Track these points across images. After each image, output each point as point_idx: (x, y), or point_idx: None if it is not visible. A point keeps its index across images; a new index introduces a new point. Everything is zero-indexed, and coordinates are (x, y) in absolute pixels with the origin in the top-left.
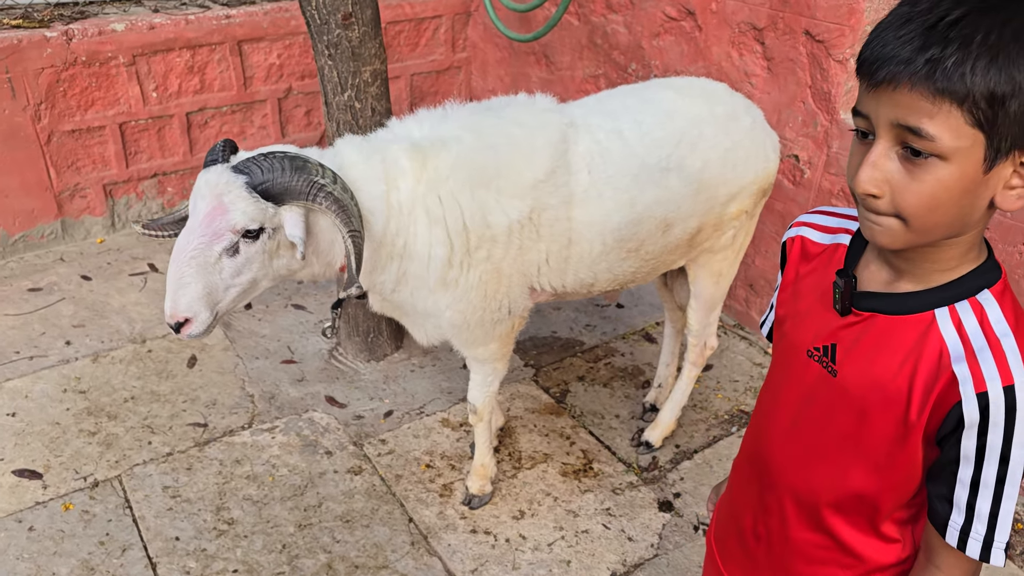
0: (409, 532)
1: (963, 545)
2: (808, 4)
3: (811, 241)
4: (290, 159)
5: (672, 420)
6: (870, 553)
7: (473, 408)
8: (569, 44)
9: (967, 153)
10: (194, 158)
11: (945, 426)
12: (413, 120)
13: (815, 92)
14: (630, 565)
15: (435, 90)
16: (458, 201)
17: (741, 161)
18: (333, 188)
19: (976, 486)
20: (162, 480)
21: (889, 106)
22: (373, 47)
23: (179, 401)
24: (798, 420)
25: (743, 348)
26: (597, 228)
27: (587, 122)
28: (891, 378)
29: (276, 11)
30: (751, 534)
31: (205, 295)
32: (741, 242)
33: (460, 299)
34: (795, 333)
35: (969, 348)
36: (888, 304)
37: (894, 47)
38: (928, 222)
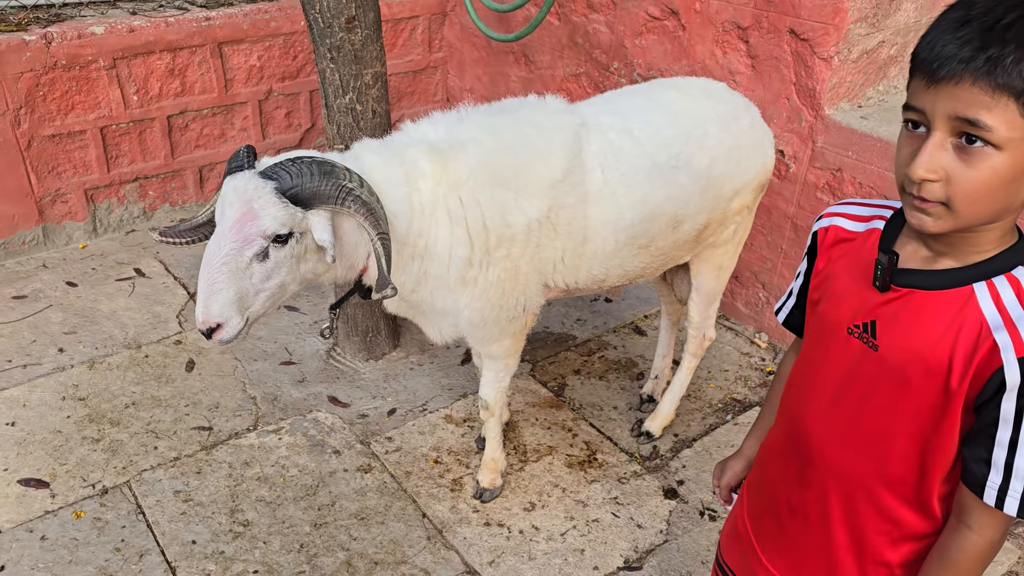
0: (424, 527)
1: (1001, 503)
2: (793, 3)
3: (844, 229)
4: (318, 164)
5: (672, 410)
6: (910, 521)
7: (484, 403)
8: (549, 43)
9: (1019, 143)
10: (175, 161)
11: (985, 392)
12: (428, 123)
13: (800, 89)
14: (641, 551)
15: (412, 90)
16: (478, 201)
17: (744, 158)
18: (361, 192)
19: (1015, 446)
20: (172, 485)
21: (948, 100)
22: (375, 50)
23: (181, 405)
24: (840, 396)
25: (730, 339)
26: (611, 225)
27: (598, 122)
28: (932, 349)
29: (256, 12)
30: (786, 508)
31: (236, 300)
32: (741, 236)
33: (479, 297)
34: (832, 313)
35: (1008, 317)
36: (927, 280)
37: (954, 47)
38: (977, 208)
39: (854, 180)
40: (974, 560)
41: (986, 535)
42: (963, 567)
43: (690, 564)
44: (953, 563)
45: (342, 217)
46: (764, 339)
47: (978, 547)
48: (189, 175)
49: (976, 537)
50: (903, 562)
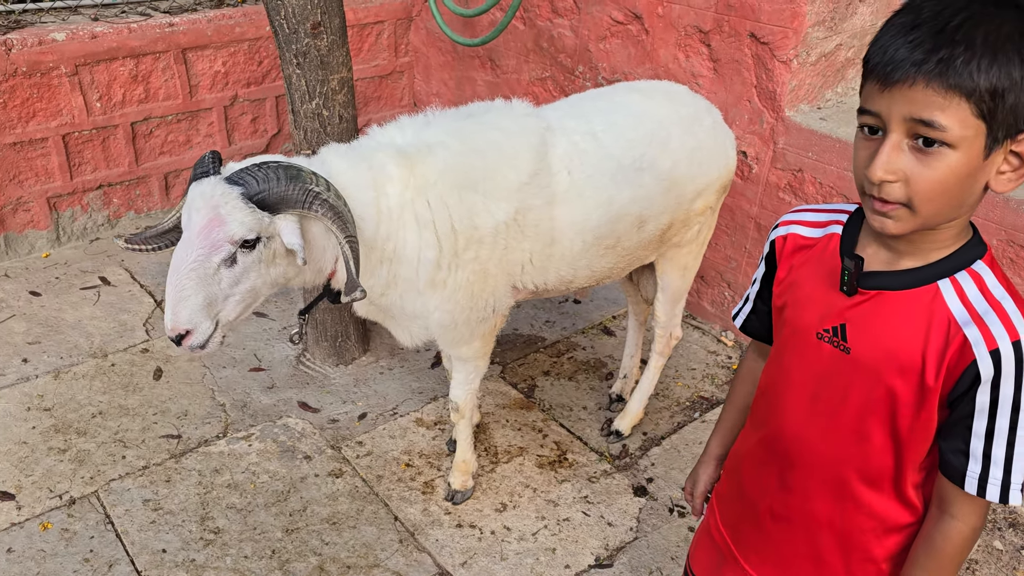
0: (396, 530)
1: (982, 491)
2: (753, 8)
3: (803, 236)
4: (284, 168)
5: (640, 409)
6: (892, 514)
7: (455, 405)
8: (514, 48)
9: (972, 142)
10: (139, 168)
11: (959, 386)
12: (395, 127)
13: (761, 91)
14: (612, 549)
15: (379, 95)
16: (446, 204)
17: (706, 159)
18: (328, 195)
19: (991, 436)
20: (141, 494)
21: (903, 102)
22: (341, 55)
23: (149, 414)
24: (817, 399)
25: (697, 337)
26: (578, 227)
27: (563, 125)
28: (904, 348)
29: (220, 18)
30: (768, 515)
31: (205, 306)
32: (704, 236)
33: (448, 299)
34: (799, 319)
35: (974, 312)
36: (893, 281)
37: (906, 51)
38: (936, 206)
39: (815, 180)
40: (959, 547)
41: (969, 522)
42: (948, 554)
43: (660, 560)
44: (939, 551)
45: (310, 221)
46: (730, 337)
47: (963, 534)
48: (154, 182)
49: (960, 525)
50: (889, 556)
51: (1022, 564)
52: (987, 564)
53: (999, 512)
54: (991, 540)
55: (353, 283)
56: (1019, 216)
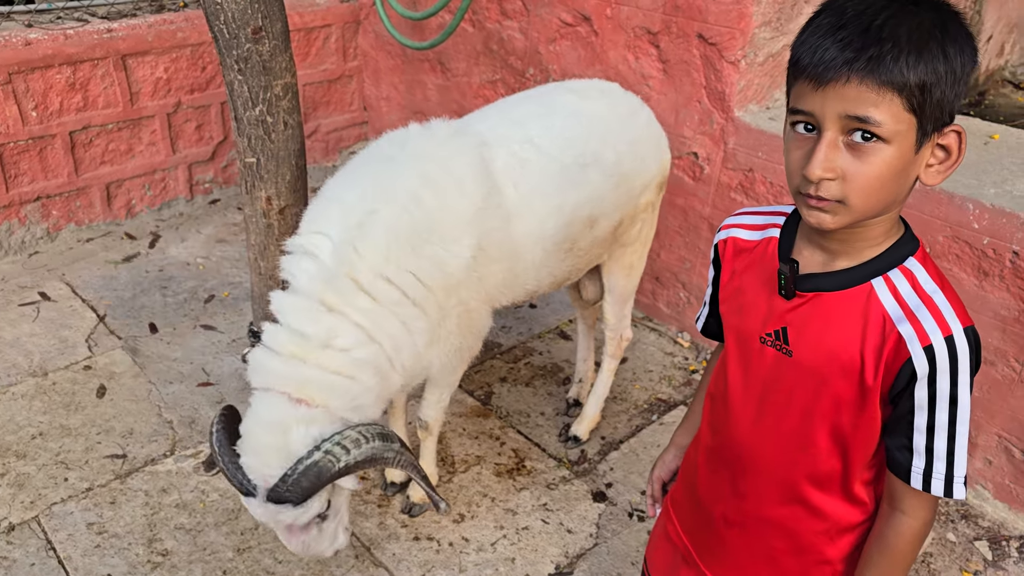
0: (352, 545)
1: (927, 486)
2: (700, 9)
3: (742, 240)
4: (304, 474)
5: (597, 412)
6: (842, 515)
7: (425, 424)
8: (464, 50)
9: (904, 136)
10: (80, 179)
11: (898, 383)
12: (312, 228)
13: (710, 92)
14: (572, 556)
15: (328, 100)
16: (408, 271)
17: (646, 153)
18: (349, 458)
19: (932, 430)
20: (85, 517)
21: (837, 100)
22: (283, 60)
23: (92, 433)
24: (763, 403)
25: (653, 339)
26: (535, 237)
27: (497, 136)
28: (843, 348)
29: (161, 23)
30: (722, 521)
31: (335, 538)
32: (647, 234)
33: (445, 349)
34: (743, 324)
35: (907, 308)
36: (830, 282)
37: (836, 50)
38: (871, 201)
39: (765, 180)
40: (911, 542)
41: (919, 516)
42: (901, 550)
43: (620, 566)
44: (891, 547)
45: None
46: (687, 339)
47: (913, 529)
48: (96, 192)
49: (910, 520)
50: (843, 556)
51: (975, 556)
52: (941, 557)
53: (951, 505)
54: (944, 532)
55: (435, 499)
56: (963, 213)
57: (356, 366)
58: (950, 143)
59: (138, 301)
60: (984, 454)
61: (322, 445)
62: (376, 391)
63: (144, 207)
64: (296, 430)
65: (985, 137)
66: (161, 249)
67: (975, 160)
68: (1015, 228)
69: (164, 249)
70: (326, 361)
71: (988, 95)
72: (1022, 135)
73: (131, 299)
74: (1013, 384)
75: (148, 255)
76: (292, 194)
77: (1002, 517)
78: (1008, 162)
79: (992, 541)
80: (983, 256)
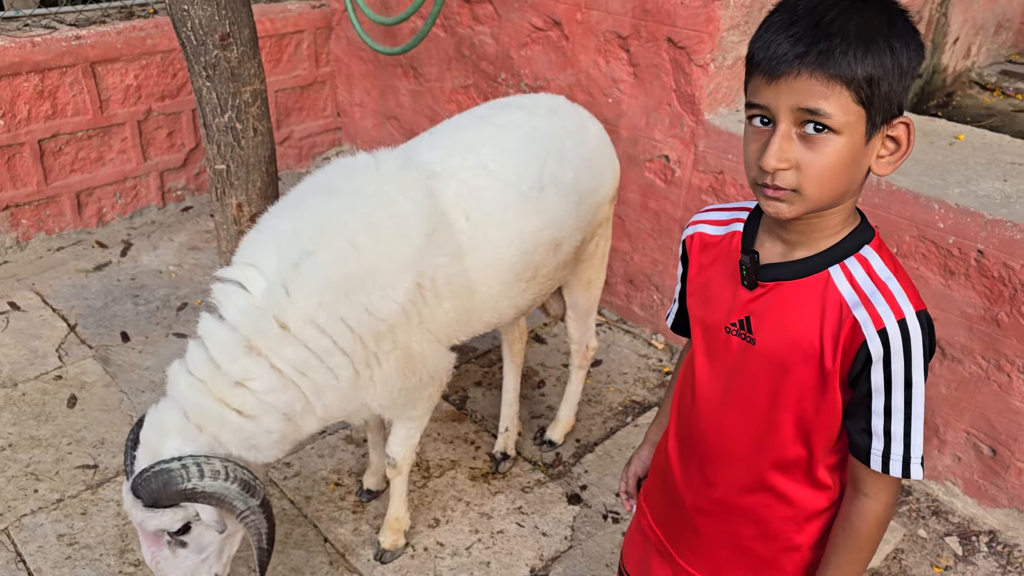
0: (326, 552)
1: (887, 467)
2: (669, 13)
3: (708, 235)
4: (155, 475)
5: (571, 416)
6: (808, 501)
7: (393, 462)
8: (436, 55)
9: (854, 127)
10: (49, 187)
11: (855, 366)
12: (246, 259)
13: (680, 95)
14: (547, 559)
15: (300, 106)
16: (339, 318)
17: (601, 168)
18: (203, 484)
19: (889, 412)
20: (55, 528)
21: (789, 94)
22: (252, 67)
23: (63, 444)
24: (728, 392)
25: (628, 342)
26: (492, 270)
27: (447, 165)
28: (803, 334)
29: (130, 30)
30: (694, 511)
31: None
32: (603, 248)
33: (381, 392)
34: (710, 316)
35: (863, 294)
36: (788, 271)
37: (788, 45)
38: (825, 190)
39: (735, 182)
40: (875, 524)
41: (881, 499)
42: (865, 532)
43: (595, 568)
44: (855, 530)
45: None
46: (661, 340)
47: (876, 512)
48: (65, 201)
49: (873, 503)
50: (811, 543)
51: (945, 551)
52: (912, 552)
53: (923, 501)
54: (915, 529)
55: (263, 566)
56: (929, 212)
57: (262, 409)
58: (899, 135)
59: (110, 310)
60: (953, 451)
61: (184, 459)
62: (279, 434)
63: (115, 215)
64: (173, 440)
65: (951, 138)
66: (133, 257)
67: (941, 160)
68: (979, 227)
69: (136, 257)
70: (231, 398)
71: (956, 96)
72: (987, 135)
73: (102, 308)
74: (980, 381)
75: (120, 263)
76: (263, 201)
77: (972, 513)
78: (973, 162)
79: (962, 536)
80: (948, 255)
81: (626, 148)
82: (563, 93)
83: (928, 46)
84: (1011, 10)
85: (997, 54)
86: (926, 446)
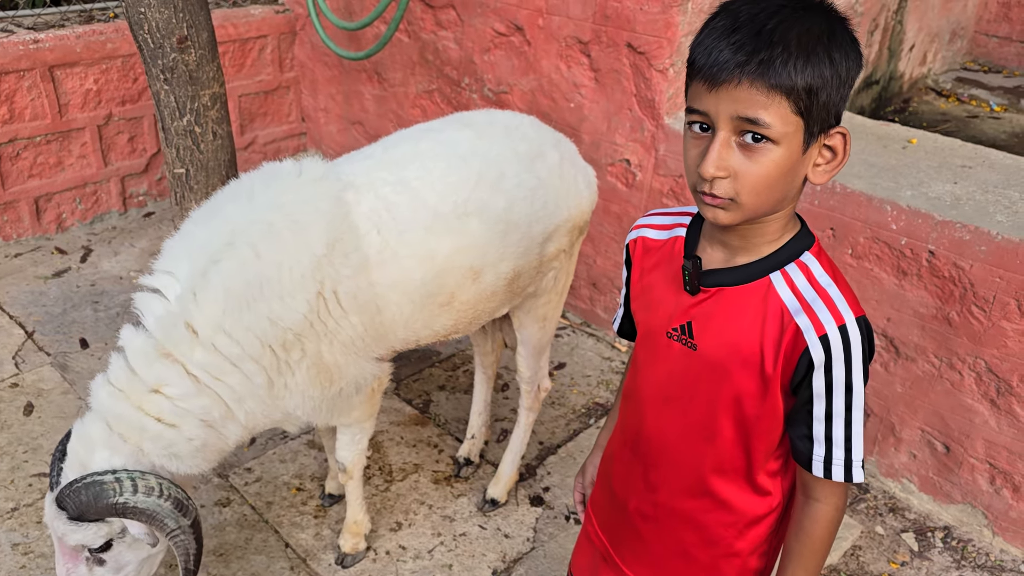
0: (287, 557)
1: (828, 472)
2: (628, 19)
3: (651, 239)
4: (86, 487)
5: (514, 471)
6: (748, 507)
7: (343, 467)
8: (400, 61)
9: (792, 137)
10: (7, 192)
11: (797, 373)
12: (164, 266)
13: (640, 100)
14: (509, 561)
15: (265, 111)
16: (246, 327)
17: (551, 199)
18: (132, 498)
19: (829, 418)
20: (10, 537)
21: (729, 102)
22: (211, 70)
23: (19, 452)
24: (669, 396)
25: (591, 344)
26: (400, 288)
27: (370, 179)
28: (744, 340)
29: (89, 34)
30: (637, 515)
31: None
32: (563, 283)
33: (301, 402)
34: (652, 320)
35: (803, 301)
36: (730, 277)
37: (729, 53)
38: (761, 199)
39: None
40: (826, 527)
41: (831, 502)
42: (818, 536)
43: (557, 569)
44: (808, 534)
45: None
46: (624, 343)
47: (827, 515)
48: (24, 207)
49: (823, 506)
50: (752, 549)
51: (902, 547)
52: (869, 549)
53: (879, 498)
54: (873, 526)
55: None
56: (882, 214)
57: (179, 415)
58: (836, 144)
59: (68, 316)
60: (909, 448)
61: (119, 472)
62: (200, 442)
63: (75, 221)
64: (101, 452)
65: (904, 141)
66: (93, 263)
67: (894, 163)
68: (930, 228)
69: (96, 263)
70: (148, 405)
71: (912, 102)
72: (939, 139)
73: (61, 314)
74: (933, 380)
75: (79, 270)
76: None
77: (927, 509)
78: (924, 165)
79: (918, 532)
80: (901, 256)
81: (588, 152)
82: (525, 98)
83: (885, 53)
84: (965, 18)
85: (952, 61)
86: (883, 444)
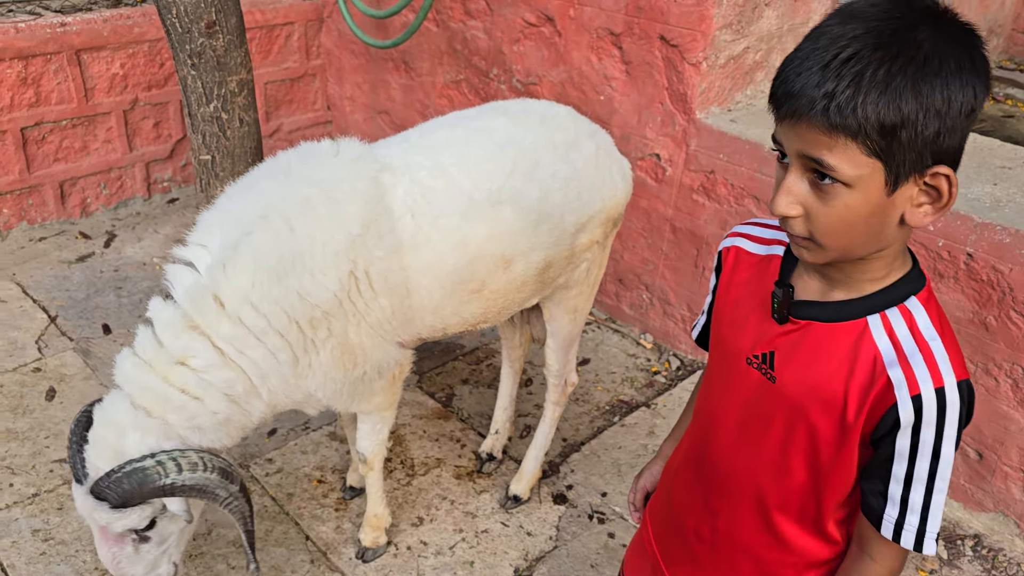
0: (308, 550)
1: (897, 537)
2: (662, 11)
3: (746, 252)
4: (127, 475)
5: (537, 468)
6: (812, 550)
7: (363, 457)
8: (428, 50)
9: (868, 180)
10: (32, 176)
11: (881, 427)
12: (197, 239)
13: (672, 94)
14: (532, 559)
15: (291, 98)
16: (273, 300)
17: (585, 189)
18: (181, 477)
19: (910, 481)
20: (30, 524)
21: (794, 138)
22: (239, 56)
23: (40, 437)
24: (743, 426)
25: (616, 341)
26: (432, 273)
27: (407, 162)
28: (828, 382)
29: (116, 18)
30: (694, 535)
31: (151, 572)
32: (595, 275)
33: (323, 382)
34: (734, 341)
35: (901, 352)
36: (824, 312)
37: (795, 83)
38: (840, 242)
39: (726, 182)
40: None
41: (886, 564)
42: None
43: (580, 569)
44: None
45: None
46: (649, 340)
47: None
48: (48, 190)
49: (877, 567)
50: None
51: (930, 555)
52: None
53: None
54: None
55: (249, 558)
56: None
57: (203, 388)
58: (939, 184)
59: (91, 302)
60: None
61: (158, 455)
62: (223, 416)
63: (100, 206)
64: (132, 435)
65: None
66: (116, 249)
67: None
68: (968, 230)
69: (120, 249)
70: (174, 377)
71: None
72: (977, 139)
73: (84, 300)
74: None
75: (103, 255)
76: None
77: (957, 516)
78: (963, 165)
79: (947, 540)
80: (938, 258)
81: (617, 145)
82: (555, 90)
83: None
84: (1002, 16)
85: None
86: None
